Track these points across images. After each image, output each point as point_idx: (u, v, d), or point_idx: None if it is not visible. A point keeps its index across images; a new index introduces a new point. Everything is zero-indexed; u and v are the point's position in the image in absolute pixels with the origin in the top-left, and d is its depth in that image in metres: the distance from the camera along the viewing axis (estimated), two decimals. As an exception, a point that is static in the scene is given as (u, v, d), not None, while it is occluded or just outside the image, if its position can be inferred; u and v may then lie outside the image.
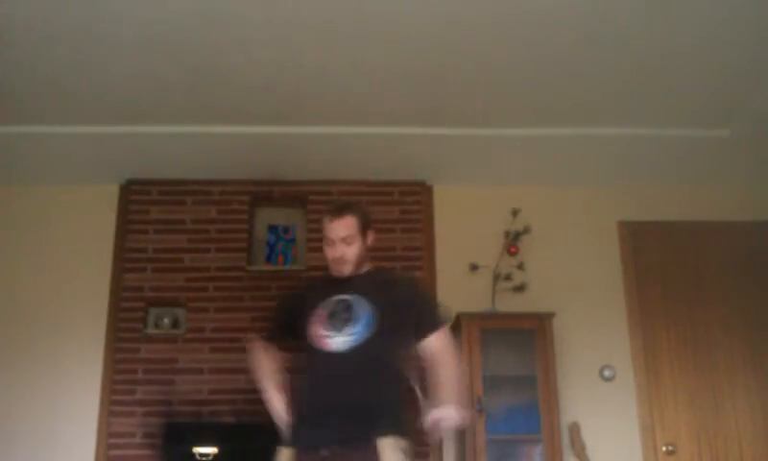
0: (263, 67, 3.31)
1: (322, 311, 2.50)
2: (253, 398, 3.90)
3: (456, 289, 4.19)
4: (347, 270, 2.54)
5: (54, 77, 3.35)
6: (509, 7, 2.90)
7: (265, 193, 4.36)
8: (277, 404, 2.49)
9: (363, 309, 2.46)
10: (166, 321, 4.09)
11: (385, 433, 2.34)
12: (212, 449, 3.74)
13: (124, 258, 4.20)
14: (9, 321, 4.08)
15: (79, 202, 4.31)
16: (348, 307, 2.48)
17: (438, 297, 4.21)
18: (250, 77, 3.38)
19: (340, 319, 2.45)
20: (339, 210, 2.57)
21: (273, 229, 4.37)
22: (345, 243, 2.52)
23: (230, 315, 4.06)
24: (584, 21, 3.00)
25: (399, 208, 4.36)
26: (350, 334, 2.41)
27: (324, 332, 2.44)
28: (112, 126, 3.79)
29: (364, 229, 2.58)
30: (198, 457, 3.73)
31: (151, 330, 4.08)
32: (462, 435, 3.78)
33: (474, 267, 4.18)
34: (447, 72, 3.36)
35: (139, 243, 4.22)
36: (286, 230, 4.37)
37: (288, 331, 2.64)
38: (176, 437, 3.80)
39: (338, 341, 2.41)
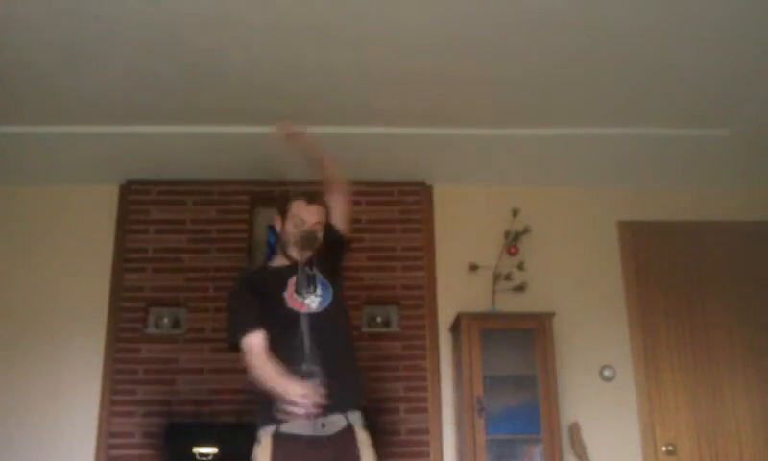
0: (263, 67, 3.31)
1: (293, 282, 2.56)
2: (253, 398, 3.92)
3: (456, 289, 4.19)
4: (307, 255, 2.62)
5: (54, 77, 3.35)
6: (509, 7, 2.91)
7: (265, 193, 4.36)
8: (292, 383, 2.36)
9: (317, 275, 2.59)
10: (166, 321, 4.09)
11: (359, 400, 2.48)
12: (212, 449, 3.74)
13: (124, 258, 4.20)
14: (9, 320, 4.08)
15: (79, 202, 4.31)
16: (308, 276, 2.58)
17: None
18: (249, 77, 3.38)
19: (306, 286, 2.55)
20: (314, 196, 2.70)
21: (273, 229, 4.36)
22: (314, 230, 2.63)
23: (230, 315, 4.05)
24: (583, 22, 3.00)
25: (399, 208, 4.36)
26: (319, 295, 2.54)
27: (299, 298, 2.52)
28: (112, 126, 3.79)
29: (326, 221, 2.70)
30: (198, 457, 3.73)
31: (151, 330, 4.08)
32: (462, 435, 3.78)
33: (474, 267, 4.18)
34: (447, 72, 3.36)
35: (139, 243, 4.22)
36: (286, 230, 4.37)
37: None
38: (176, 437, 3.80)
39: (313, 300, 2.52)
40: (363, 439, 2.42)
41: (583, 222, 4.40)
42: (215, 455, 3.73)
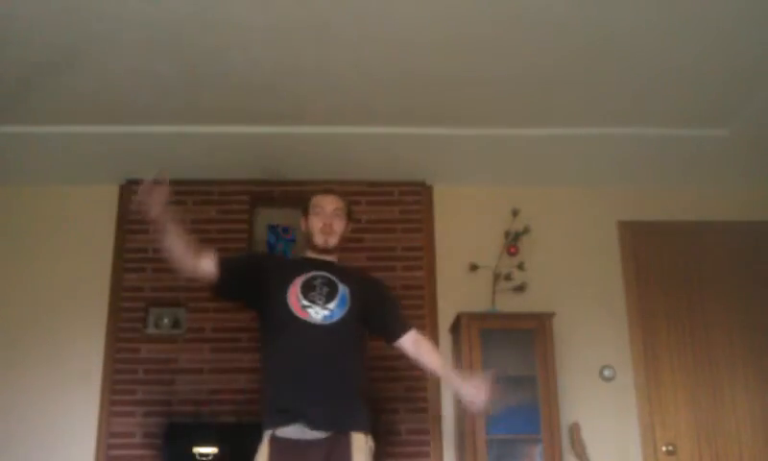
0: (263, 67, 3.31)
1: (301, 281, 2.56)
2: (253, 398, 3.93)
3: (456, 289, 4.19)
4: (332, 241, 2.67)
5: (54, 77, 3.35)
6: (509, 7, 2.90)
7: (265, 193, 4.36)
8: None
9: (341, 289, 2.57)
10: (166, 321, 4.09)
11: (359, 425, 2.45)
12: (212, 449, 3.74)
13: (124, 258, 4.20)
14: (8, 321, 4.08)
15: (79, 202, 4.31)
16: (328, 283, 2.58)
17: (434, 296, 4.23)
18: (249, 77, 3.38)
19: (320, 292, 2.54)
20: (331, 190, 2.82)
21: (273, 229, 4.37)
22: (334, 214, 2.68)
23: (230, 315, 4.05)
24: (583, 22, 3.00)
25: (399, 208, 4.36)
26: (329, 309, 2.51)
27: (305, 302, 2.51)
28: (112, 126, 3.79)
29: (348, 214, 2.77)
30: (198, 457, 3.73)
31: (151, 330, 4.08)
32: (462, 435, 3.78)
33: (474, 267, 4.18)
34: (447, 72, 3.36)
35: (139, 243, 4.21)
36: (286, 230, 4.37)
37: (242, 286, 2.60)
38: (176, 437, 3.80)
39: (317, 311, 2.50)
40: (359, 444, 2.41)
41: (583, 222, 4.40)
42: (215, 455, 3.73)
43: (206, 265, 2.55)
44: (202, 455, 3.73)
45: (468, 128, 3.85)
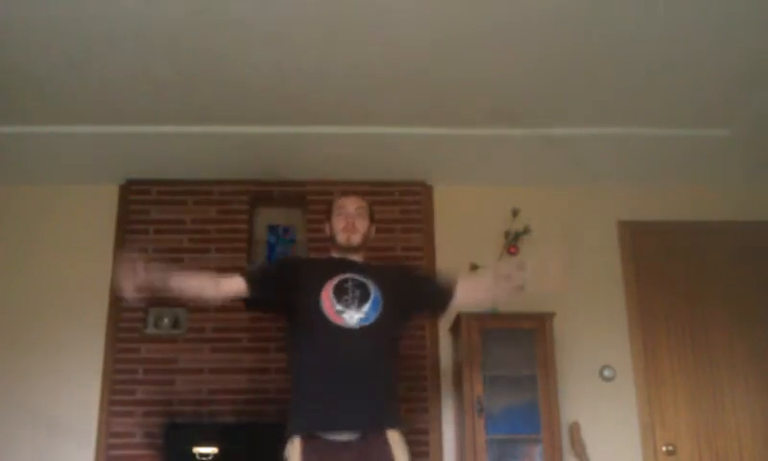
0: (263, 67, 3.31)
1: (332, 286, 2.54)
2: (253, 398, 3.93)
3: (456, 289, 4.18)
4: (354, 239, 2.67)
5: (53, 77, 3.35)
6: (509, 7, 2.91)
7: (265, 193, 4.36)
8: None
9: (372, 291, 2.55)
10: (166, 321, 4.08)
11: (393, 423, 2.45)
12: (212, 449, 3.74)
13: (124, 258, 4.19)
14: (8, 321, 4.08)
15: (79, 202, 4.31)
16: (359, 286, 2.56)
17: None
18: (249, 77, 3.38)
19: (352, 296, 2.52)
20: (353, 192, 2.84)
21: (273, 229, 4.37)
22: (357, 214, 2.70)
23: (230, 315, 4.05)
24: (583, 21, 3.00)
25: (399, 208, 4.36)
26: (364, 312, 2.49)
27: (338, 307, 2.49)
28: (112, 126, 3.79)
29: (371, 216, 2.78)
30: (198, 457, 3.73)
31: (151, 330, 4.08)
32: (462, 435, 3.78)
33: (474, 267, 4.18)
34: (447, 72, 3.36)
35: (139, 243, 4.21)
36: (286, 230, 4.38)
37: (275, 297, 2.60)
38: (176, 437, 3.80)
39: (352, 315, 2.48)
40: (395, 439, 2.42)
41: (583, 222, 4.39)
42: (215, 455, 3.73)
43: (235, 286, 2.56)
44: (202, 455, 3.73)
45: (468, 128, 3.85)
